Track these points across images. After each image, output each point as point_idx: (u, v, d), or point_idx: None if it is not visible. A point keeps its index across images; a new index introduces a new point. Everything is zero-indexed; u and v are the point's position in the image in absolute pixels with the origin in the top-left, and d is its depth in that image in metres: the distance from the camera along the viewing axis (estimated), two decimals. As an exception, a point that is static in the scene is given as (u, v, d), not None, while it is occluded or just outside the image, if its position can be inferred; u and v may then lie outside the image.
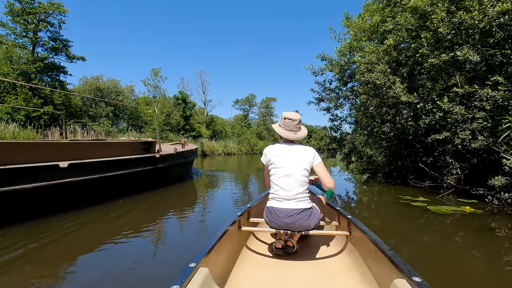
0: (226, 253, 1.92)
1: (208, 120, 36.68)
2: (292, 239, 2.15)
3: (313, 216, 2.08)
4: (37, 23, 17.82)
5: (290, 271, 1.95)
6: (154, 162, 5.98)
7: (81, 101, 22.41)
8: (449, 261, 2.75)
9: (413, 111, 5.79)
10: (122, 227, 3.63)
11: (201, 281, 1.36)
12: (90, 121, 20.57)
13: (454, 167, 5.63)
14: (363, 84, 6.25)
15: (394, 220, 4.25)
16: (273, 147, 2.21)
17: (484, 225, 3.82)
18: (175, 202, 5.40)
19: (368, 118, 6.91)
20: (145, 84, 29.78)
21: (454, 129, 5.00)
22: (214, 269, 1.59)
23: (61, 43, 19.37)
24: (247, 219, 2.57)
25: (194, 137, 28.79)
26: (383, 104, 6.21)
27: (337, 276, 1.88)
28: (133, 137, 19.06)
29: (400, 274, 1.38)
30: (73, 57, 20.20)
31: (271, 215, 2.10)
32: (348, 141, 8.16)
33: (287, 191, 2.05)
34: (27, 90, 16.72)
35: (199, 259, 1.48)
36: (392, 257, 1.49)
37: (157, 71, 29.74)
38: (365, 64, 5.88)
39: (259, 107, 52.74)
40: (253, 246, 2.36)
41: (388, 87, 5.93)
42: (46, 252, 2.90)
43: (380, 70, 5.72)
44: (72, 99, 21.10)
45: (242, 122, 46.25)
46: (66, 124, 18.08)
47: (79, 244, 3.11)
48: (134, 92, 29.01)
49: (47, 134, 15.32)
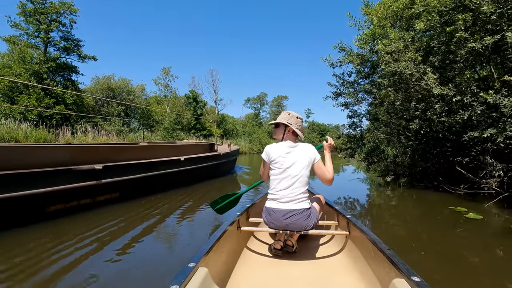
0: (226, 253, 1.93)
1: (219, 119, 36.33)
2: (292, 238, 2.17)
3: (312, 216, 2.07)
4: (49, 23, 17.85)
5: (290, 271, 1.96)
6: (218, 158, 8.31)
7: (93, 101, 22.48)
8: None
9: (447, 105, 5.08)
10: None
11: (200, 281, 1.36)
12: (101, 120, 20.52)
13: (496, 169, 4.90)
14: (388, 75, 5.58)
15: (461, 243, 3.21)
16: (276, 146, 2.16)
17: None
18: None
19: (392, 114, 6.23)
20: (156, 83, 29.71)
21: (502, 125, 4.27)
22: (213, 269, 1.60)
23: (73, 43, 19.38)
24: (247, 219, 2.58)
25: (205, 136, 28.50)
26: (412, 98, 5.53)
27: (337, 276, 1.88)
28: (147, 137, 20.86)
29: (399, 273, 1.37)
30: (85, 56, 20.19)
31: (270, 216, 2.10)
32: (368, 139, 7.47)
33: (287, 191, 2.05)
34: (39, 90, 16.77)
35: (198, 259, 1.47)
36: (391, 256, 1.49)
37: (168, 70, 29.61)
38: (391, 53, 5.21)
39: (270, 105, 52.10)
40: (252, 246, 2.38)
41: (417, 79, 5.25)
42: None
43: (409, 59, 5.05)
44: (85, 98, 21.17)
45: (253, 121, 45.68)
46: (78, 123, 18.09)
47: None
48: (145, 91, 28.96)
49: (59, 134, 15.28)
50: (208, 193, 6.05)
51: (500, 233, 3.54)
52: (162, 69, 29.66)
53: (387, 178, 7.04)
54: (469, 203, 4.98)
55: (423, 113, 5.63)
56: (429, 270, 2.41)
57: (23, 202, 3.56)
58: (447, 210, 4.61)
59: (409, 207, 5.11)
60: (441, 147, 6.00)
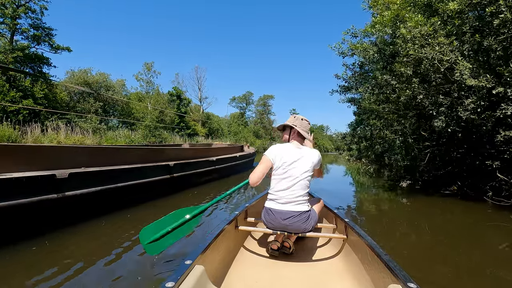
0: (223, 252, 1.93)
1: (204, 118, 35.01)
2: (289, 240, 2.19)
3: (310, 219, 2.06)
4: (16, 8, 16.08)
5: (285, 272, 1.96)
6: (247, 157, 10.94)
7: (68, 96, 20.72)
8: None
9: (483, 99, 4.38)
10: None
11: (196, 279, 1.37)
12: (76, 117, 18.85)
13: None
14: (411, 64, 4.84)
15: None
16: (282, 146, 2.15)
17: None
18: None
19: (410, 110, 5.51)
20: (137, 79, 28.15)
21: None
22: (210, 267, 1.60)
23: (44, 32, 17.63)
24: (245, 218, 2.54)
25: (190, 135, 27.19)
26: (439, 90, 4.81)
27: (332, 279, 1.88)
28: (127, 136, 19.42)
29: (396, 279, 1.36)
30: (58, 47, 18.41)
31: (269, 216, 2.08)
32: (377, 138, 6.68)
33: (287, 193, 2.03)
34: (3, 82, 15.01)
35: (195, 256, 1.49)
36: (388, 262, 1.48)
37: (150, 65, 28.09)
38: (419, 37, 4.45)
39: (256, 105, 51.24)
40: (249, 245, 2.36)
41: (447, 68, 4.53)
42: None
43: (441, 44, 4.31)
44: (58, 93, 19.44)
45: (238, 120, 44.58)
46: (49, 120, 16.42)
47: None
48: (125, 87, 27.24)
49: (26, 131, 13.68)
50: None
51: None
52: (144, 64, 28.14)
53: (402, 183, 6.27)
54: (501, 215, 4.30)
55: (449, 109, 4.92)
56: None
57: (122, 191, 4.31)
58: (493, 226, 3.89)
59: (441, 221, 4.36)
60: (468, 149, 5.33)
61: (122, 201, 4.32)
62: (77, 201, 3.56)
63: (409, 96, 5.16)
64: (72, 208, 3.55)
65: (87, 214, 3.73)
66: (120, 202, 4.29)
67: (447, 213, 4.67)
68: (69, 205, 3.49)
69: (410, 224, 4.04)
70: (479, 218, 4.34)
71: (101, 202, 3.95)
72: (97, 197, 3.82)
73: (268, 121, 50.77)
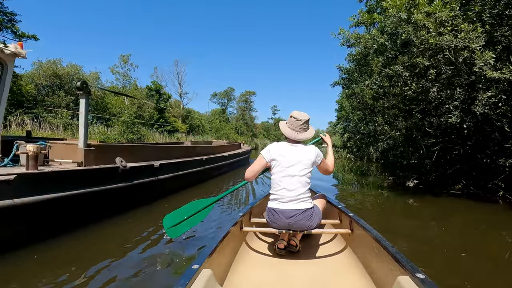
0: (229, 254, 1.96)
1: (185, 114, 33.81)
2: (295, 238, 2.18)
3: (314, 216, 2.06)
4: (-29, -12, 14.34)
5: (293, 271, 1.95)
6: (246, 153, 12.73)
7: (35, 89, 19.02)
8: None
9: (504, 93, 4.06)
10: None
11: (204, 283, 1.36)
12: (45, 112, 17.29)
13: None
14: (426, 54, 4.44)
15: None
16: (278, 145, 2.16)
17: None
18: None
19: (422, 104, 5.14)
20: (113, 72, 26.56)
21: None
22: (217, 270, 1.60)
23: (6, 17, 15.93)
24: (249, 219, 2.55)
25: (170, 132, 26.03)
26: (456, 82, 4.45)
27: (340, 274, 1.88)
28: (102, 132, 17.43)
29: (404, 271, 1.35)
30: (22, 35, 16.71)
31: (273, 216, 2.07)
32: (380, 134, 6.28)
33: (289, 191, 2.03)
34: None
35: (202, 260, 1.49)
36: (395, 254, 1.48)
37: (127, 57, 26.59)
38: (439, 24, 4.04)
39: (237, 101, 50.38)
40: (255, 246, 2.36)
41: (464, 59, 4.17)
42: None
43: (463, 30, 3.93)
44: (23, 85, 17.76)
45: (220, 116, 43.60)
46: (12, 114, 14.88)
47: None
48: (100, 81, 25.56)
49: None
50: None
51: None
52: (120, 56, 26.56)
53: (409, 183, 5.92)
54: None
55: (464, 104, 4.59)
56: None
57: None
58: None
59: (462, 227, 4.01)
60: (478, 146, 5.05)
61: (184, 183, 6.09)
62: (166, 182, 5.25)
63: (421, 89, 4.77)
64: (163, 186, 5.23)
65: (172, 191, 5.52)
66: (183, 184, 6.05)
67: (464, 213, 4.35)
68: (162, 185, 5.16)
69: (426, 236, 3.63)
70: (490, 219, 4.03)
71: (176, 184, 5.74)
72: (174, 180, 5.53)
73: (250, 117, 50.16)
